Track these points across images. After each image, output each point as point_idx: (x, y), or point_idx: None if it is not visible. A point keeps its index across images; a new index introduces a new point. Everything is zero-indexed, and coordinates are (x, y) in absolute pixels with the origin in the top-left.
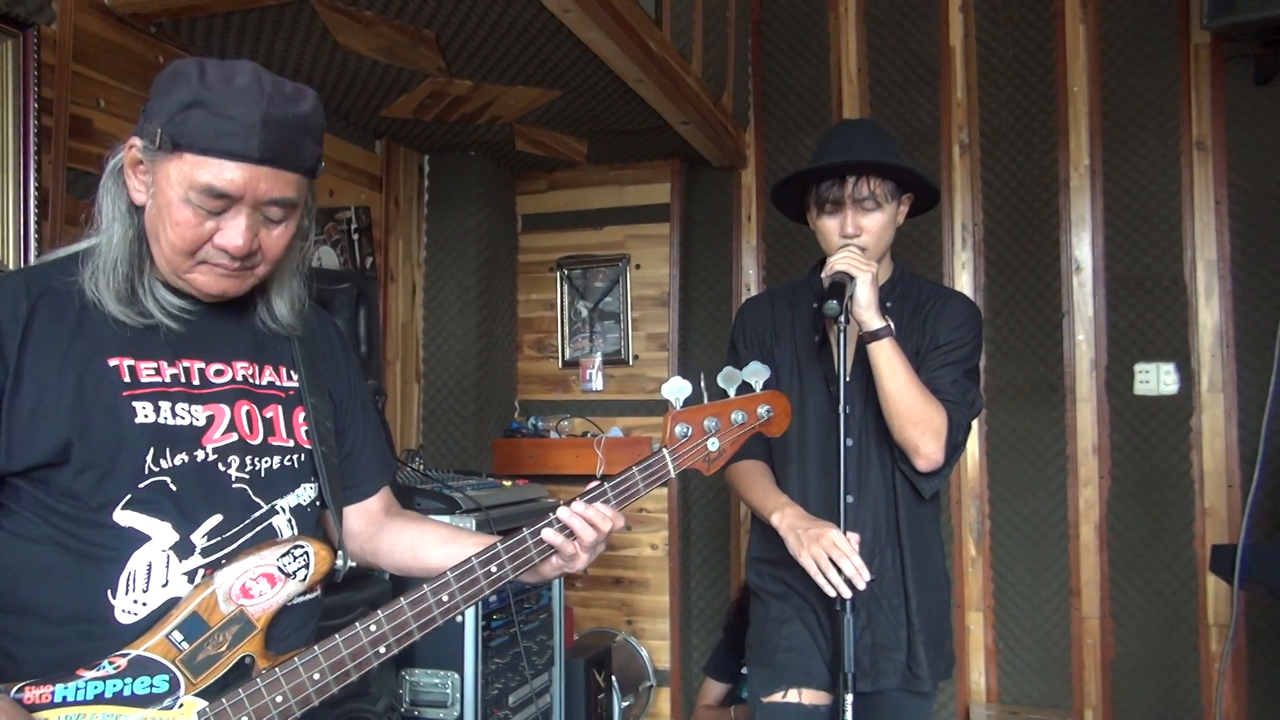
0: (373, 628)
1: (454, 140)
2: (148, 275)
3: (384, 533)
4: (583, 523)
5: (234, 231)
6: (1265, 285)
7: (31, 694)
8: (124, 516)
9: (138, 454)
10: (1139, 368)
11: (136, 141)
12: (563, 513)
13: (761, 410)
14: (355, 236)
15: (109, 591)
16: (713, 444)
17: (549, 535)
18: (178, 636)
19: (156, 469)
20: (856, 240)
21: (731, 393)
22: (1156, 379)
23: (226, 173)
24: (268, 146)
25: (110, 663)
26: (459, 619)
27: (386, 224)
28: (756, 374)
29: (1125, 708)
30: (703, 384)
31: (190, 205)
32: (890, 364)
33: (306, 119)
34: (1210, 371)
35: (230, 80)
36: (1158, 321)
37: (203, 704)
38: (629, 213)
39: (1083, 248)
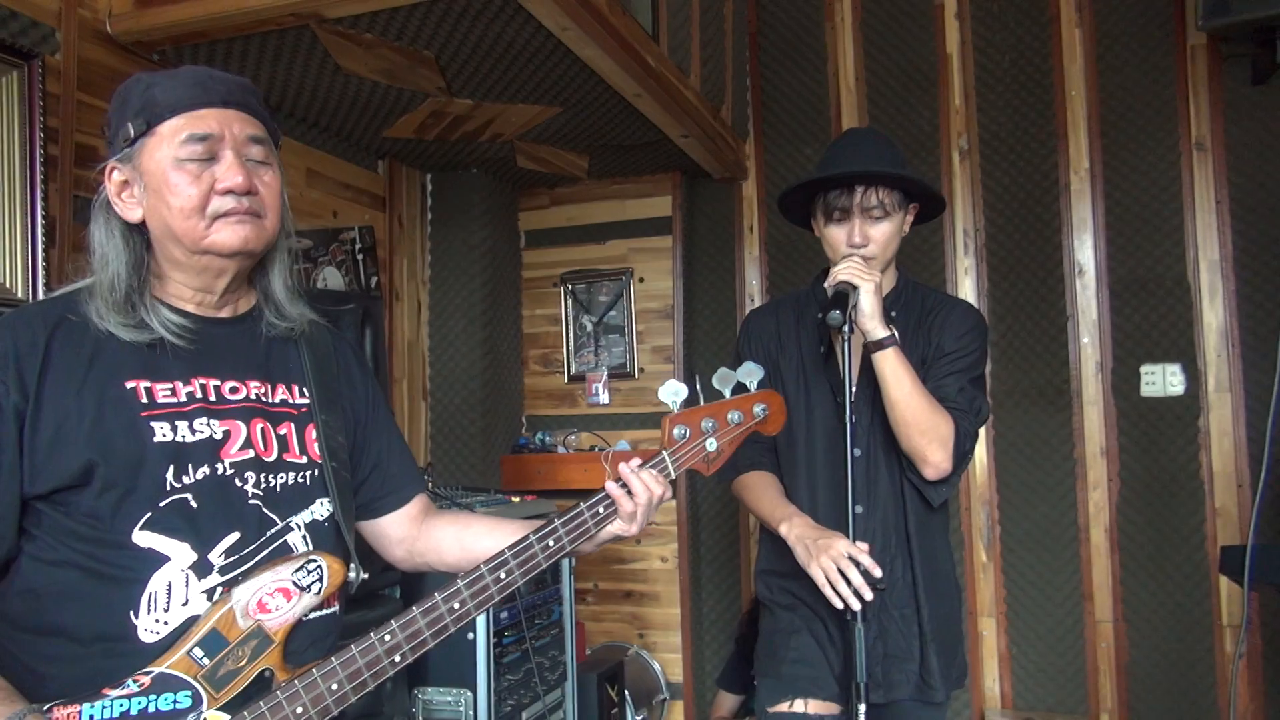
0: (387, 637)
1: (456, 158)
2: (148, 296)
3: (428, 534)
4: (639, 483)
5: (230, 170)
6: (1268, 283)
7: (60, 714)
8: (143, 537)
9: (158, 471)
10: (1145, 369)
11: (113, 164)
12: (623, 468)
13: (757, 409)
14: (360, 256)
15: (131, 612)
16: (711, 444)
17: (611, 488)
18: (199, 653)
19: (178, 485)
20: (863, 250)
21: (727, 393)
22: (1163, 380)
23: (200, 119)
24: (224, 92)
25: (134, 681)
26: (470, 635)
27: (390, 243)
28: (750, 374)
29: (1141, 710)
30: (698, 386)
31: (182, 165)
32: (895, 373)
33: (247, 84)
34: (1216, 371)
35: (173, 70)
36: (1162, 323)
37: (225, 718)
38: (631, 226)
39: (1085, 250)
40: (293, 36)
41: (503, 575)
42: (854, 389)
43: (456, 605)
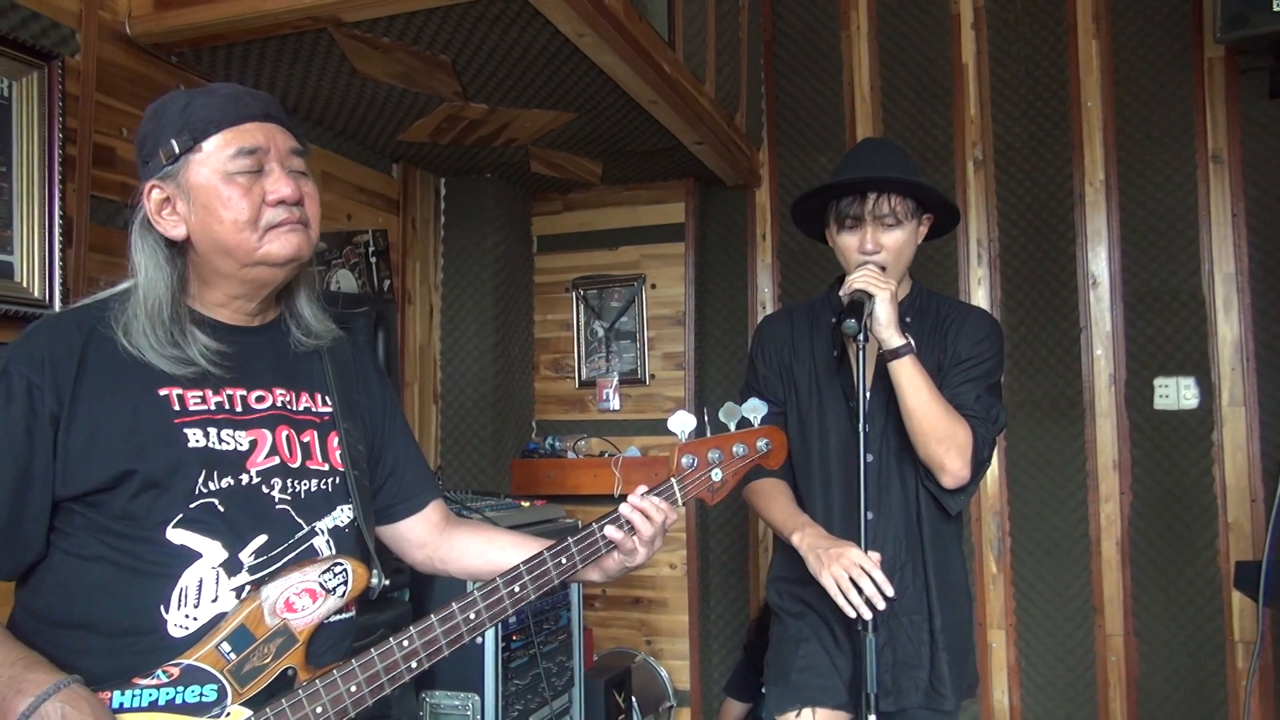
0: (405, 643)
1: (470, 163)
2: (185, 321)
3: (451, 540)
4: (640, 516)
5: (280, 182)
6: None
7: None
8: (176, 534)
9: (191, 476)
10: (1158, 382)
11: (153, 183)
12: (624, 509)
13: (760, 443)
14: (373, 260)
15: (162, 606)
16: (716, 475)
17: (611, 531)
18: (226, 648)
19: (206, 490)
20: (876, 258)
21: (732, 427)
22: (1176, 393)
23: (247, 132)
24: (262, 107)
25: (164, 671)
26: (479, 640)
27: (404, 247)
28: (754, 410)
29: None
30: (705, 417)
31: (232, 179)
32: (912, 381)
33: (276, 100)
34: (1231, 385)
35: (206, 86)
36: (1176, 336)
37: (248, 713)
38: (644, 233)
39: (1099, 262)
40: (310, 40)
41: (516, 589)
42: (867, 395)
43: (472, 616)
